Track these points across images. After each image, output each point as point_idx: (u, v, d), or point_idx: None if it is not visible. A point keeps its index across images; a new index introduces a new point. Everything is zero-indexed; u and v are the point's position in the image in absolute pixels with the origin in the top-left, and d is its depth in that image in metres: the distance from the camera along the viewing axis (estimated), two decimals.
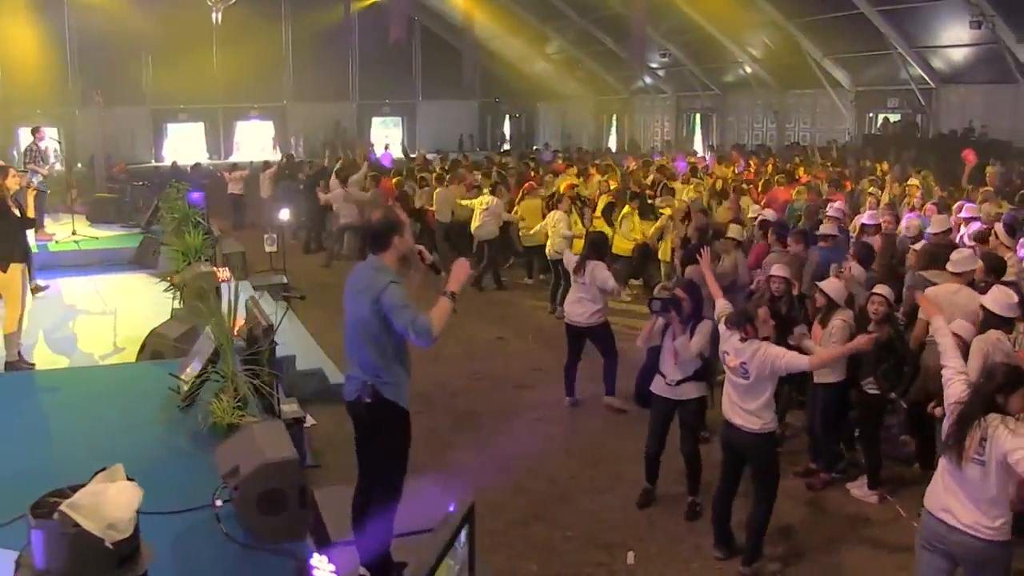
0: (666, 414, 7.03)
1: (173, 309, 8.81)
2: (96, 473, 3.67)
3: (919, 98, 25.58)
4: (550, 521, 6.74)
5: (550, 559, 6.18)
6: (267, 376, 6.22)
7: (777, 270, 8.03)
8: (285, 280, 12.58)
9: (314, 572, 3.80)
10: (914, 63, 24.90)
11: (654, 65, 33.30)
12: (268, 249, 13.80)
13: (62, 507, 3.37)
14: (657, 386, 7.00)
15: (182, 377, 6.47)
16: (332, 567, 3.85)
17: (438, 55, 36.55)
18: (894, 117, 26.94)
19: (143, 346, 7.76)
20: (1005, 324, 6.54)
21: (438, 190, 16.41)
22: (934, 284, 7.86)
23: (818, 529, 6.80)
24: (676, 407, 6.97)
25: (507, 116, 41.49)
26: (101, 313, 9.97)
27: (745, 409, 5.96)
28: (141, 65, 32.10)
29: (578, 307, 9.17)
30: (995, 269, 7.55)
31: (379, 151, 32.30)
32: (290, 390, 8.23)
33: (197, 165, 24.78)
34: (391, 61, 34.72)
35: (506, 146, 36.35)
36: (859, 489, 7.38)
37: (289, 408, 6.89)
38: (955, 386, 4.74)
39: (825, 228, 9.88)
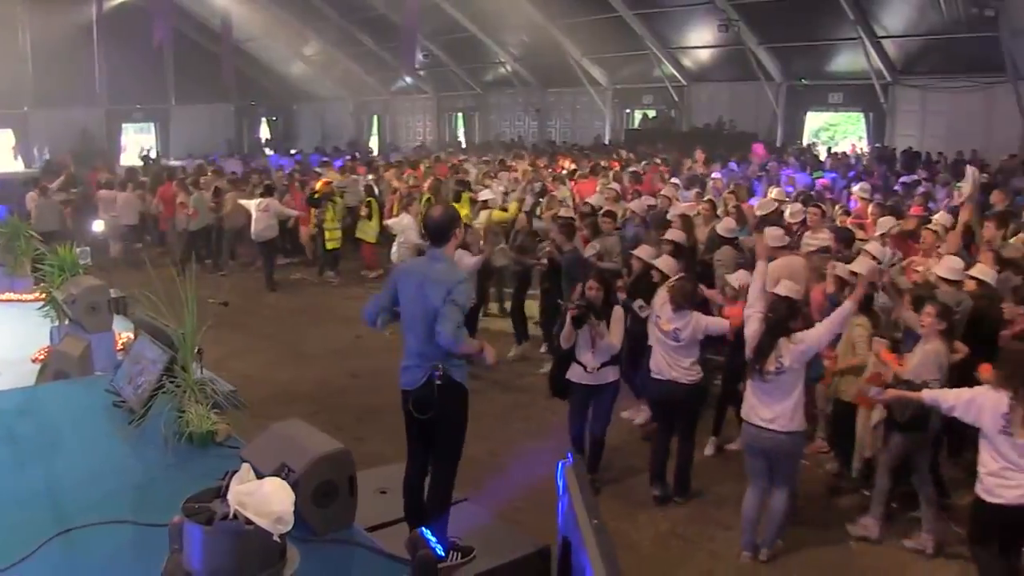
0: (585, 399, 7.37)
1: (53, 327, 8.34)
2: (227, 475, 3.71)
3: (672, 95, 27.68)
4: (495, 495, 7.03)
5: None
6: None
7: (640, 251, 8.94)
8: (119, 294, 11.98)
9: (430, 543, 4.00)
10: (667, 62, 26.91)
11: (415, 65, 33.80)
12: (81, 262, 13.06)
13: (235, 507, 3.42)
14: (576, 375, 7.30)
15: (121, 391, 6.26)
16: (434, 539, 4.07)
17: (191, 58, 35.01)
18: (651, 113, 28.84)
19: (44, 366, 7.35)
20: None
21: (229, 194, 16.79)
22: None
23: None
24: (594, 392, 7.32)
25: (264, 119, 40.59)
26: None
27: (680, 366, 6.99)
28: None
29: None
30: (846, 240, 8.70)
31: (131, 158, 31.03)
32: None
33: None
34: (141, 64, 32.98)
35: (268, 151, 35.51)
36: None
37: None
38: (753, 323, 6.17)
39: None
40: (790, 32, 23.07)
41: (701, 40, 25.70)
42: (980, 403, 5.23)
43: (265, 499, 3.47)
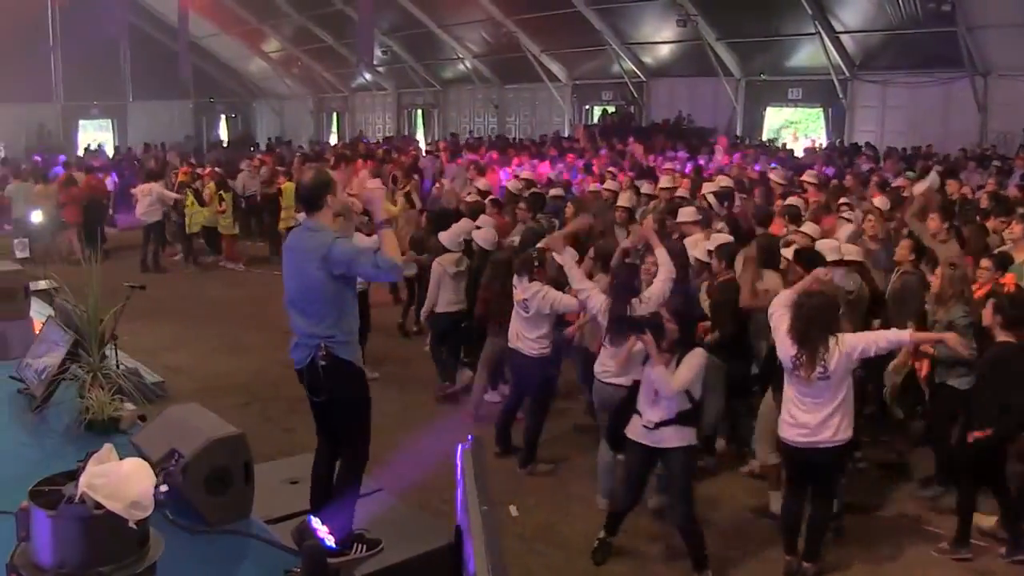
0: (644, 464, 5.90)
1: None
2: (87, 456, 3.40)
3: (632, 90, 27.51)
4: (424, 487, 6.73)
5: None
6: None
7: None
8: (53, 284, 11.72)
9: (318, 533, 3.73)
10: (626, 58, 26.76)
11: (375, 62, 33.45)
12: (20, 255, 12.99)
13: (83, 489, 3.11)
14: (633, 429, 5.85)
15: (25, 377, 5.94)
16: (326, 528, 3.80)
17: (148, 54, 34.30)
18: (611, 109, 28.66)
19: None
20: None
21: None
22: None
23: None
24: (656, 456, 5.84)
25: (223, 116, 40.07)
26: None
27: (528, 337, 7.19)
28: None
29: None
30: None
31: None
32: None
33: None
34: (98, 60, 32.29)
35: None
36: None
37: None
38: (596, 297, 6.46)
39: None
40: (749, 27, 22.98)
41: (660, 35, 25.57)
42: (781, 339, 5.56)
43: (121, 481, 3.17)
